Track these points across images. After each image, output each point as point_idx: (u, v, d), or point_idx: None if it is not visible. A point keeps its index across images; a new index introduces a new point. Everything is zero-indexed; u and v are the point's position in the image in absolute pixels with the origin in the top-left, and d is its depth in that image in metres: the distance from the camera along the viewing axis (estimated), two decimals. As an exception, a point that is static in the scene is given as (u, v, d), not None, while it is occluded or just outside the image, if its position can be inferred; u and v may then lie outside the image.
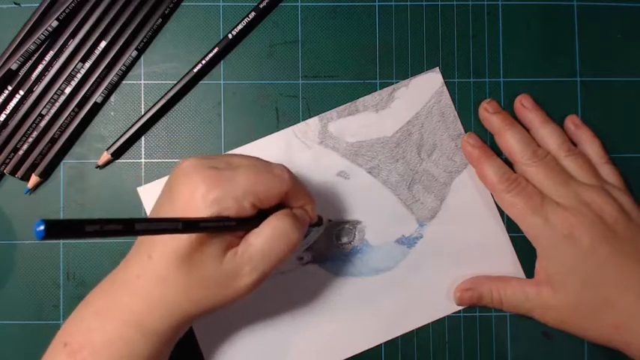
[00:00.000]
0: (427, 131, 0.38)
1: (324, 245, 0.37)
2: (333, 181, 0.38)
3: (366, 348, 0.37)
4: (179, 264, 0.27)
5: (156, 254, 0.28)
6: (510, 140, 0.36)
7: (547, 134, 0.36)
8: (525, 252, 0.37)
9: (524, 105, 0.37)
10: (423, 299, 0.37)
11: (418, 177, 0.38)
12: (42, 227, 0.18)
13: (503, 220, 0.38)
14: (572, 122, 0.38)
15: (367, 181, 0.38)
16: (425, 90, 0.38)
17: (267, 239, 0.28)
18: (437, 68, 0.38)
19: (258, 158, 0.30)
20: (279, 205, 0.30)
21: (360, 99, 0.38)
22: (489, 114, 0.37)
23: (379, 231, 0.38)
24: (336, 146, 0.38)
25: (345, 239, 0.37)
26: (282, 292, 0.37)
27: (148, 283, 0.28)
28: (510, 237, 0.38)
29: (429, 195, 0.38)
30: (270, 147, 0.38)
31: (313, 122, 0.38)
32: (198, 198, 0.27)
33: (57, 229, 0.18)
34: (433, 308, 0.37)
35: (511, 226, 0.37)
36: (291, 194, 0.30)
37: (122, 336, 0.28)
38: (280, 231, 0.29)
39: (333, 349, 0.37)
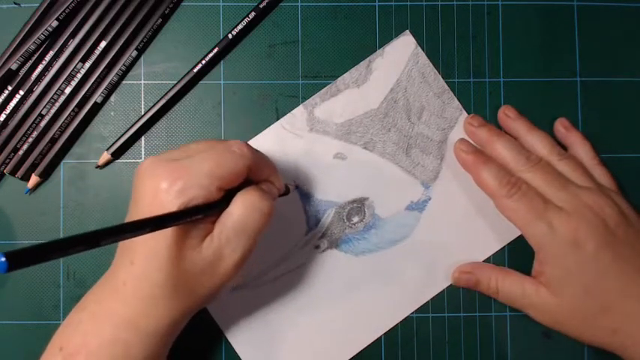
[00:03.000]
0: (412, 95, 0.38)
1: (337, 229, 0.38)
2: (332, 164, 0.38)
3: (398, 321, 0.38)
4: (161, 265, 0.27)
5: (137, 259, 0.28)
6: (501, 149, 0.35)
7: (535, 141, 0.36)
8: (524, 251, 0.37)
9: (508, 115, 0.37)
10: (445, 259, 0.38)
11: (413, 141, 0.38)
12: (3, 259, 0.18)
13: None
14: (562, 125, 0.38)
15: (365, 157, 0.38)
16: (400, 55, 0.38)
17: (239, 216, 0.28)
18: (407, 31, 0.38)
19: (213, 140, 0.30)
20: (245, 184, 0.30)
21: (339, 78, 0.38)
22: (475, 128, 0.37)
23: (387, 203, 0.38)
24: (327, 130, 0.38)
25: (356, 218, 0.38)
26: (306, 283, 0.37)
27: (134, 288, 0.28)
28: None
29: (427, 156, 0.38)
30: (263, 144, 0.38)
31: (299, 111, 0.38)
32: (162, 194, 0.27)
33: (18, 259, 0.18)
34: (456, 266, 0.38)
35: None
36: (254, 168, 0.30)
37: (117, 339, 0.28)
38: (250, 205, 0.29)
39: (365, 330, 0.37)
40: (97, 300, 0.30)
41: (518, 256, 0.38)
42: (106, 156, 0.37)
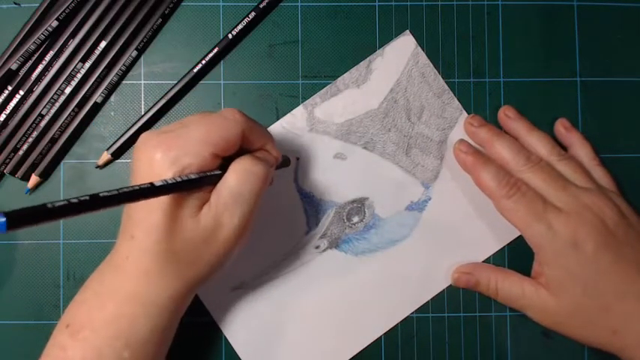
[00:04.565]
0: (412, 95, 0.38)
1: (337, 229, 0.38)
2: (332, 164, 0.38)
3: (398, 321, 0.38)
4: (160, 236, 0.27)
5: (137, 233, 0.28)
6: (501, 149, 0.35)
7: (535, 141, 0.36)
8: (523, 252, 0.37)
9: (508, 115, 0.37)
10: (445, 259, 0.38)
11: (413, 141, 0.38)
12: (2, 219, 0.18)
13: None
14: (562, 125, 0.38)
15: (365, 157, 0.38)
16: (400, 55, 0.38)
17: (235, 183, 0.28)
18: (407, 31, 0.38)
19: (207, 112, 0.30)
20: (242, 154, 0.30)
21: (339, 78, 0.38)
22: (475, 128, 0.37)
23: (387, 203, 0.38)
24: (327, 130, 0.38)
25: (356, 218, 0.38)
26: (306, 283, 0.37)
27: (136, 261, 0.28)
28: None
29: (427, 156, 0.38)
30: None
31: (299, 111, 0.38)
32: (157, 164, 0.27)
33: (18, 219, 0.19)
34: (456, 266, 0.38)
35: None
36: (248, 134, 0.30)
37: (122, 313, 0.28)
38: (245, 170, 0.29)
39: (365, 330, 0.37)
40: (100, 278, 0.30)
41: (518, 256, 0.38)
42: (105, 156, 0.37)
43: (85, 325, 0.28)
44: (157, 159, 0.27)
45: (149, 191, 0.25)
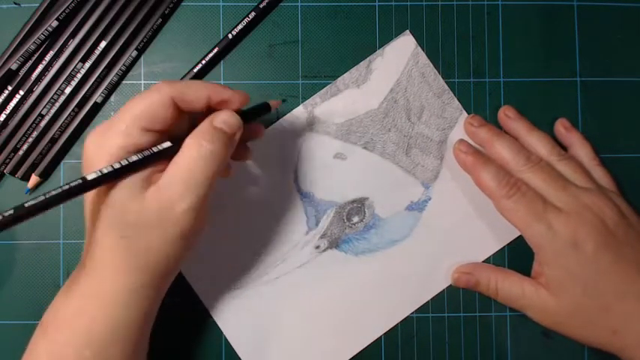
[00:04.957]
0: (412, 95, 0.38)
1: (337, 229, 0.38)
2: (332, 164, 0.38)
3: (398, 321, 0.38)
4: (107, 225, 0.27)
5: (89, 226, 0.28)
6: (501, 149, 0.35)
7: (535, 141, 0.36)
8: (523, 252, 0.37)
9: (508, 115, 0.37)
10: (445, 259, 0.38)
11: (413, 141, 0.38)
12: None
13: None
14: (562, 125, 0.38)
15: (365, 157, 0.38)
16: (400, 55, 0.38)
17: (186, 161, 0.27)
18: (407, 31, 0.38)
19: None
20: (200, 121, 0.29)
21: (339, 78, 0.38)
22: (475, 128, 0.37)
23: (387, 203, 0.38)
24: (327, 130, 0.38)
25: (355, 218, 0.38)
26: (306, 283, 0.37)
27: (92, 255, 0.28)
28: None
29: (427, 156, 0.38)
30: (263, 145, 0.38)
31: (299, 111, 0.38)
32: (89, 154, 0.27)
33: None
34: (456, 266, 0.38)
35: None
36: (182, 99, 0.28)
37: (82, 309, 0.28)
38: (197, 146, 0.27)
39: (365, 330, 0.37)
40: (71, 278, 0.30)
41: (518, 256, 0.38)
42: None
43: (50, 322, 0.28)
44: (88, 150, 0.27)
45: (80, 187, 0.24)
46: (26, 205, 0.23)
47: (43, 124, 0.37)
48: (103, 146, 0.27)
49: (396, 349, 0.38)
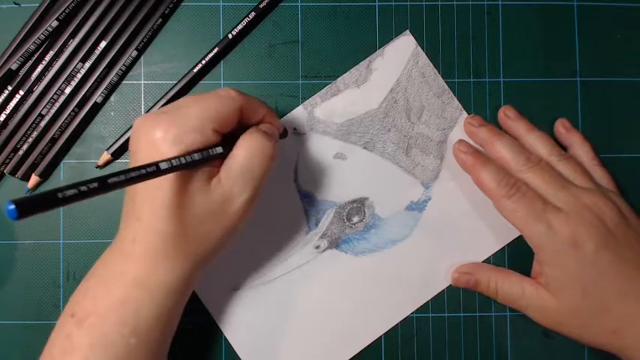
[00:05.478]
0: (412, 95, 0.38)
1: (337, 229, 0.38)
2: (332, 164, 0.38)
3: (398, 321, 0.38)
4: (169, 213, 0.28)
5: (143, 214, 0.28)
6: (501, 149, 0.35)
7: (535, 141, 0.36)
8: (523, 252, 0.37)
9: (508, 115, 0.37)
10: (445, 259, 0.38)
11: (413, 141, 0.38)
12: (12, 206, 0.18)
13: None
14: (562, 125, 0.38)
15: (365, 157, 0.38)
16: (400, 55, 0.38)
17: (244, 158, 0.29)
18: (407, 31, 0.38)
19: (203, 92, 0.31)
20: (245, 128, 0.31)
21: (339, 78, 0.38)
22: (475, 128, 0.37)
23: (387, 203, 0.38)
24: (327, 130, 0.38)
25: (356, 218, 0.38)
26: (306, 283, 0.37)
27: (143, 244, 0.28)
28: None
29: (427, 156, 0.38)
30: None
31: (299, 111, 0.38)
32: (158, 143, 0.27)
33: (27, 206, 0.19)
34: (456, 266, 0.38)
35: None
36: (246, 109, 0.30)
37: (127, 297, 0.28)
38: (254, 146, 0.30)
39: (365, 330, 0.37)
40: (105, 264, 0.30)
41: (518, 256, 0.38)
42: (106, 156, 0.37)
43: (90, 313, 0.28)
44: (157, 138, 0.28)
45: (155, 171, 0.25)
46: (109, 180, 0.23)
47: (43, 124, 0.37)
48: (175, 139, 0.27)
49: (396, 349, 0.38)
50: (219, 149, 0.29)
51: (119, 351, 0.28)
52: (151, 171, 0.25)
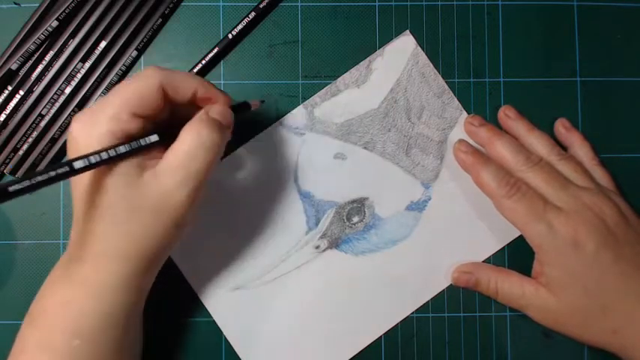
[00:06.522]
0: (412, 95, 0.38)
1: (337, 229, 0.38)
2: (332, 164, 0.38)
3: (398, 321, 0.37)
4: (94, 209, 0.27)
5: (78, 214, 0.28)
6: (501, 149, 0.35)
7: (535, 141, 0.36)
8: (524, 252, 0.37)
9: (508, 115, 0.37)
10: (445, 259, 0.38)
11: (413, 141, 0.38)
12: None
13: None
14: (562, 125, 0.38)
15: (365, 157, 0.38)
16: (400, 55, 0.38)
17: (185, 149, 0.27)
18: (407, 31, 0.38)
19: None
20: (187, 114, 0.29)
21: (339, 78, 0.38)
22: (475, 127, 0.37)
23: (387, 203, 0.38)
24: (327, 130, 0.38)
25: (356, 218, 0.38)
26: (306, 283, 0.37)
27: (83, 244, 0.28)
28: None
29: (427, 156, 0.38)
30: (263, 145, 0.38)
31: (298, 111, 0.38)
32: (79, 139, 0.27)
33: None
34: (456, 266, 0.38)
35: (511, 226, 0.37)
36: (170, 87, 0.28)
37: (72, 299, 0.28)
38: (195, 137, 0.27)
39: (365, 330, 0.37)
40: (57, 265, 0.30)
41: (518, 256, 0.38)
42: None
43: (40, 313, 0.28)
44: (78, 135, 0.27)
45: (69, 172, 0.24)
46: (10, 189, 0.22)
47: (43, 124, 0.37)
48: (91, 131, 0.26)
49: (396, 349, 0.38)
50: (154, 138, 0.27)
51: (63, 352, 0.27)
52: (62, 172, 0.24)
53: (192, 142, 0.27)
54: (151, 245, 0.28)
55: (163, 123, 0.29)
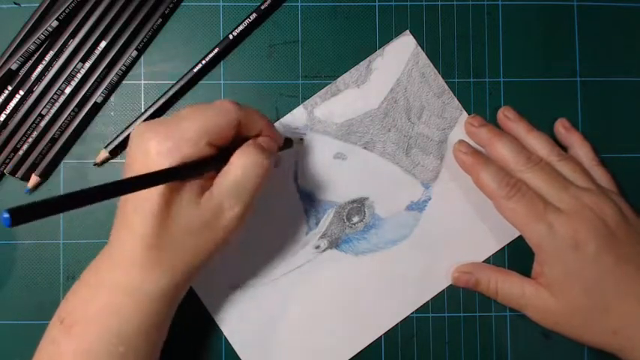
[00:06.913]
0: (412, 94, 0.38)
1: (337, 229, 0.38)
2: (332, 164, 0.38)
3: (398, 321, 0.38)
4: (157, 225, 0.28)
5: (132, 222, 0.28)
6: (501, 149, 0.35)
7: (535, 142, 0.36)
8: (524, 252, 0.37)
9: (507, 116, 0.37)
10: (445, 259, 0.38)
11: (413, 141, 0.38)
12: (6, 215, 0.19)
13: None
14: (562, 125, 0.38)
15: (365, 157, 0.38)
16: (400, 55, 0.38)
17: (239, 173, 0.29)
18: (407, 31, 0.38)
19: (201, 103, 0.31)
20: (243, 141, 0.31)
21: (339, 78, 0.38)
22: (475, 128, 0.37)
23: (388, 203, 0.38)
24: (327, 130, 0.38)
25: (356, 218, 0.38)
26: (305, 283, 0.37)
27: (130, 251, 0.28)
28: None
29: (427, 156, 0.38)
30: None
31: (298, 111, 0.38)
32: (153, 154, 0.28)
33: (21, 214, 0.19)
34: (456, 266, 0.38)
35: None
36: (244, 122, 0.30)
37: (114, 305, 0.28)
38: (248, 161, 0.29)
39: (365, 330, 0.37)
40: (94, 270, 0.30)
41: (518, 256, 0.38)
42: (104, 154, 0.37)
43: (77, 319, 0.28)
44: (152, 149, 0.28)
45: (147, 181, 0.25)
46: (96, 187, 0.23)
47: (43, 124, 0.37)
48: (170, 151, 0.28)
49: (396, 349, 0.38)
50: (214, 161, 0.29)
51: (103, 359, 0.28)
52: (142, 181, 0.25)
53: (245, 163, 0.29)
54: (197, 260, 0.30)
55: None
